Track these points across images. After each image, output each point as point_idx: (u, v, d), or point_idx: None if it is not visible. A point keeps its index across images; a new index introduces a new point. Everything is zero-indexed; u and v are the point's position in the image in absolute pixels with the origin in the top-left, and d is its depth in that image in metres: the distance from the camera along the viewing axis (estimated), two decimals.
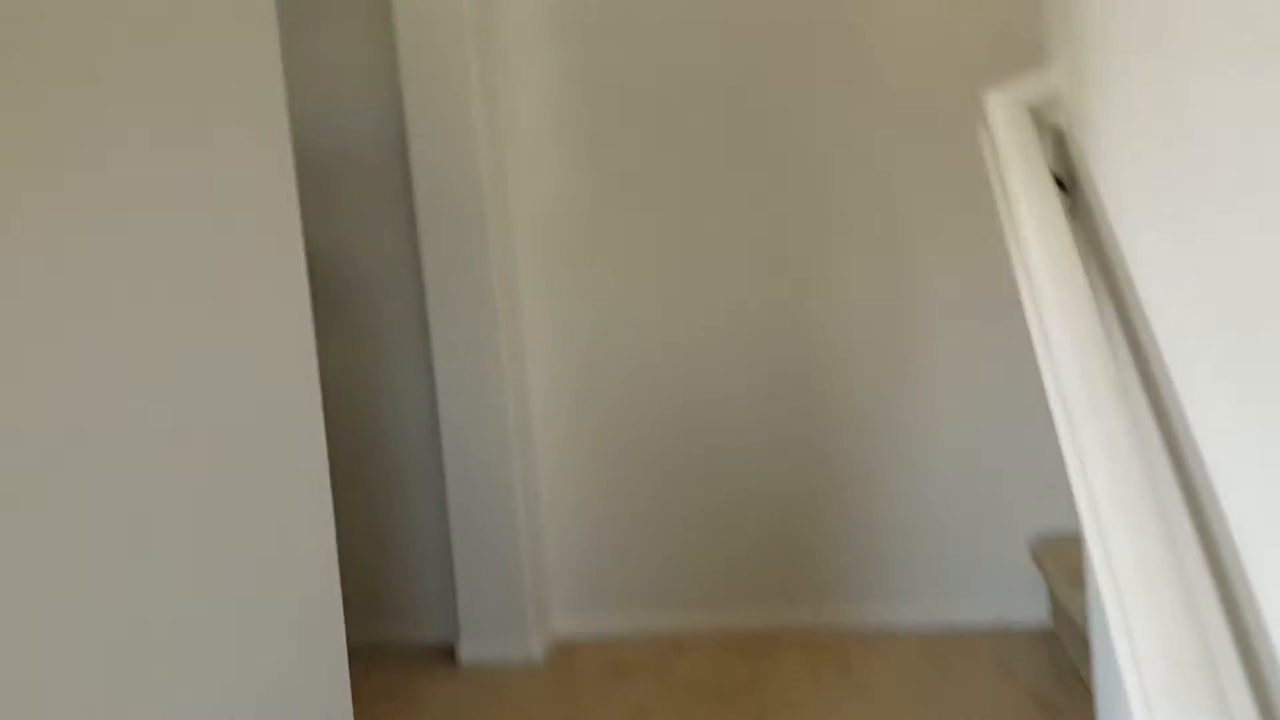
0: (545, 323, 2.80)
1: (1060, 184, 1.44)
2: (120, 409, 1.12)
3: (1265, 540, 0.88)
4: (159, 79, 1.24)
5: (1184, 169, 1.01)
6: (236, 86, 1.43)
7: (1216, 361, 0.98)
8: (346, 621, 2.83)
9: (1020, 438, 2.61)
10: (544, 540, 2.81)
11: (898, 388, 2.69)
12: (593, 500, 2.82)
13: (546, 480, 2.82)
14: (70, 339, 1.05)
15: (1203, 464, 1.08)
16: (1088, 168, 1.36)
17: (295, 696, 1.46)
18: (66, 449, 1.03)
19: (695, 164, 2.72)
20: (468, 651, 2.69)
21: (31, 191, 1.01)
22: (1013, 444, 2.61)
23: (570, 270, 2.79)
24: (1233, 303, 0.92)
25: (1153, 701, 0.78)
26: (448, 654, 2.73)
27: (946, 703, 2.33)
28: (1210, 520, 1.07)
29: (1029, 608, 2.66)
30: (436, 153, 2.60)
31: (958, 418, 2.67)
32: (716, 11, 2.69)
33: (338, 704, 1.59)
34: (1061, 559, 2.47)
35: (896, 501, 2.70)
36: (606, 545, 2.82)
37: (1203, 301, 1.00)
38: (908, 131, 2.63)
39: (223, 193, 1.36)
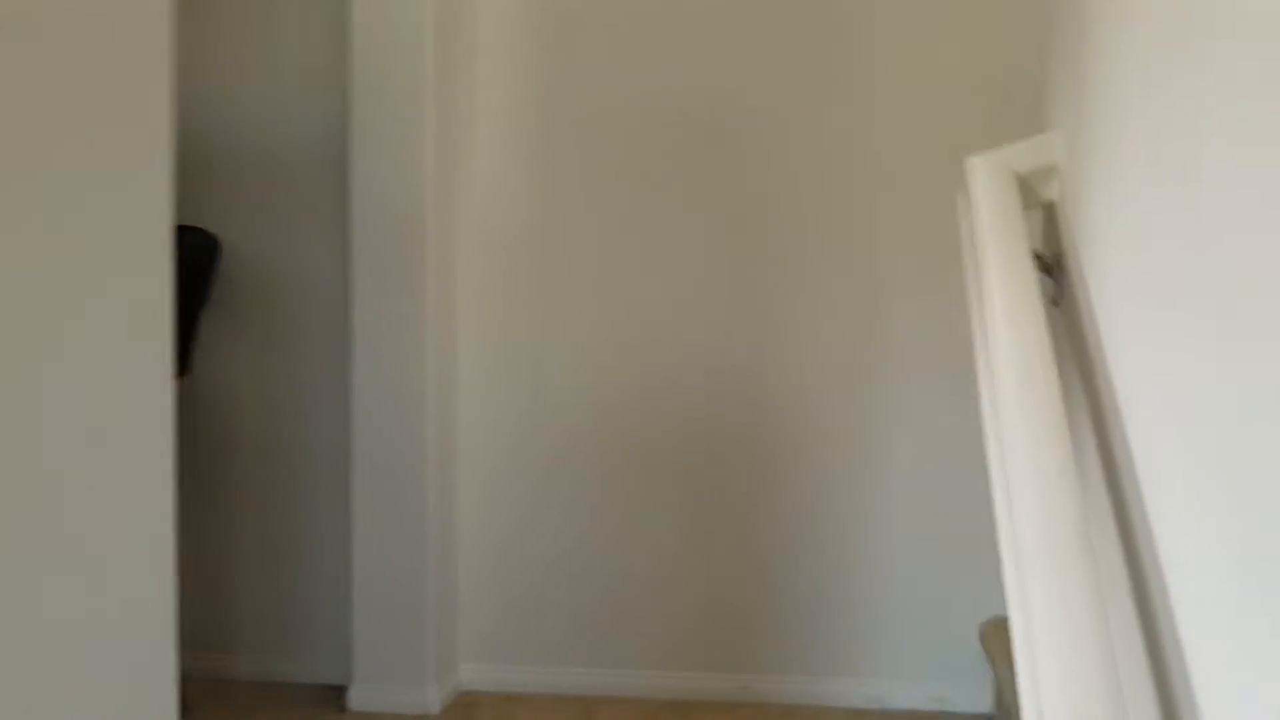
0: (482, 352, 2.66)
1: (1048, 267, 1.28)
2: None
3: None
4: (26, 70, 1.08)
5: (1198, 272, 0.84)
6: (117, 84, 1.26)
7: (1203, 494, 0.83)
8: (236, 653, 2.70)
9: (980, 518, 2.44)
10: (457, 583, 2.64)
11: (855, 453, 2.55)
12: (515, 543, 2.65)
13: (465, 519, 2.65)
14: None
15: (1170, 612, 0.93)
16: (1078, 254, 1.19)
17: None
18: None
19: (657, 192, 2.60)
20: (358, 697, 2.51)
21: None
22: (972, 523, 2.46)
23: (512, 299, 2.65)
24: (1232, 432, 0.76)
25: None
26: (340, 696, 2.53)
27: None
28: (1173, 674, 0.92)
29: (974, 694, 2.52)
30: (379, 163, 2.47)
31: (917, 490, 2.54)
32: (696, 38, 2.57)
33: None
34: (1010, 644, 2.32)
35: (842, 572, 2.56)
36: (524, 593, 2.65)
37: (1195, 432, 0.85)
38: (893, 186, 2.51)
39: (72, 194, 1.19)
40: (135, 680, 1.40)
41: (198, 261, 2.53)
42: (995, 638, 2.43)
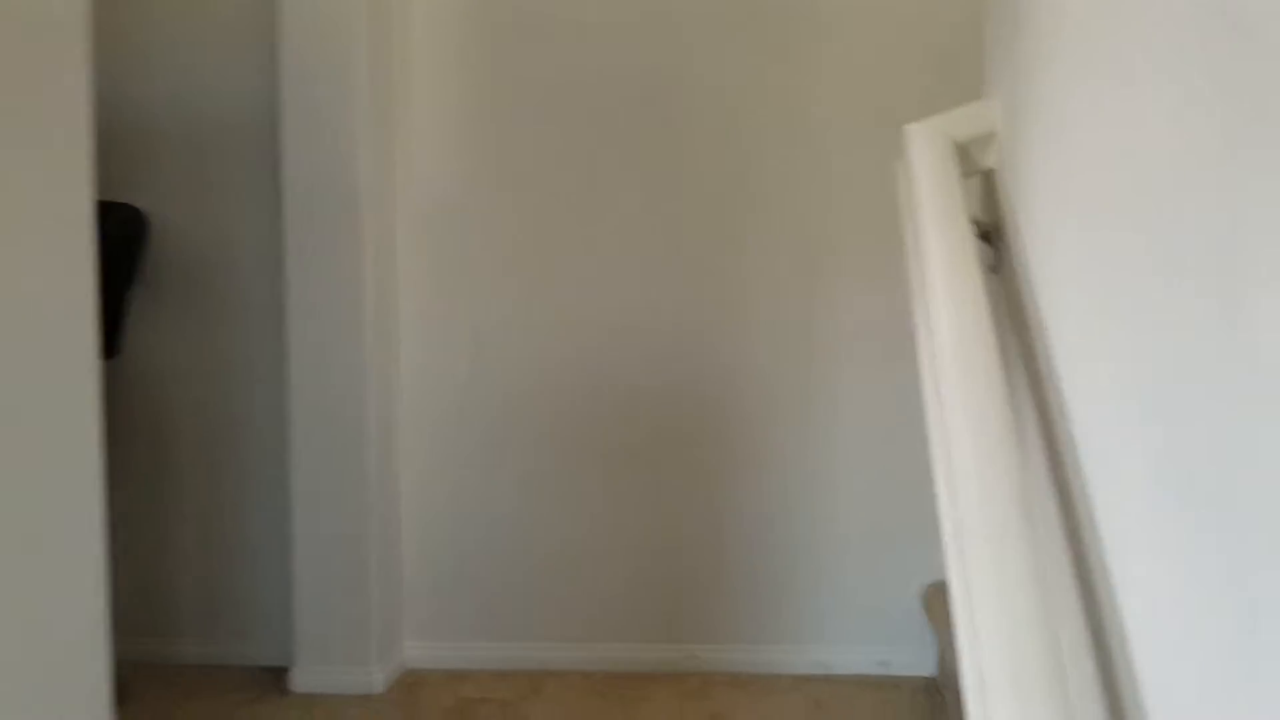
0: (422, 326, 2.60)
1: (986, 234, 1.27)
2: None
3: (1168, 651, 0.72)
4: None
5: (1136, 241, 0.84)
6: (29, 51, 1.21)
7: (1144, 466, 0.82)
8: (175, 637, 2.65)
9: (922, 483, 2.46)
10: (400, 559, 2.61)
11: (798, 420, 2.55)
12: (458, 519, 2.62)
13: (408, 496, 2.62)
14: None
15: (1111, 585, 0.94)
16: (1016, 221, 1.18)
17: None
18: None
19: (598, 162, 2.56)
20: (300, 679, 2.47)
21: None
22: (914, 488, 2.48)
23: (454, 273, 2.59)
24: (1171, 399, 0.76)
25: None
26: (281, 678, 2.49)
27: None
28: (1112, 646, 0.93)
29: (917, 657, 2.55)
30: (311, 133, 2.39)
31: (859, 455, 2.55)
32: (637, 10, 2.52)
33: None
34: (951, 606, 2.35)
35: (785, 539, 2.57)
36: (469, 569, 2.63)
37: (1133, 400, 0.85)
38: (835, 153, 2.50)
39: None
40: (68, 668, 1.36)
41: (125, 238, 2.45)
42: (937, 602, 2.46)
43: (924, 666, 2.56)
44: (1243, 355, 0.65)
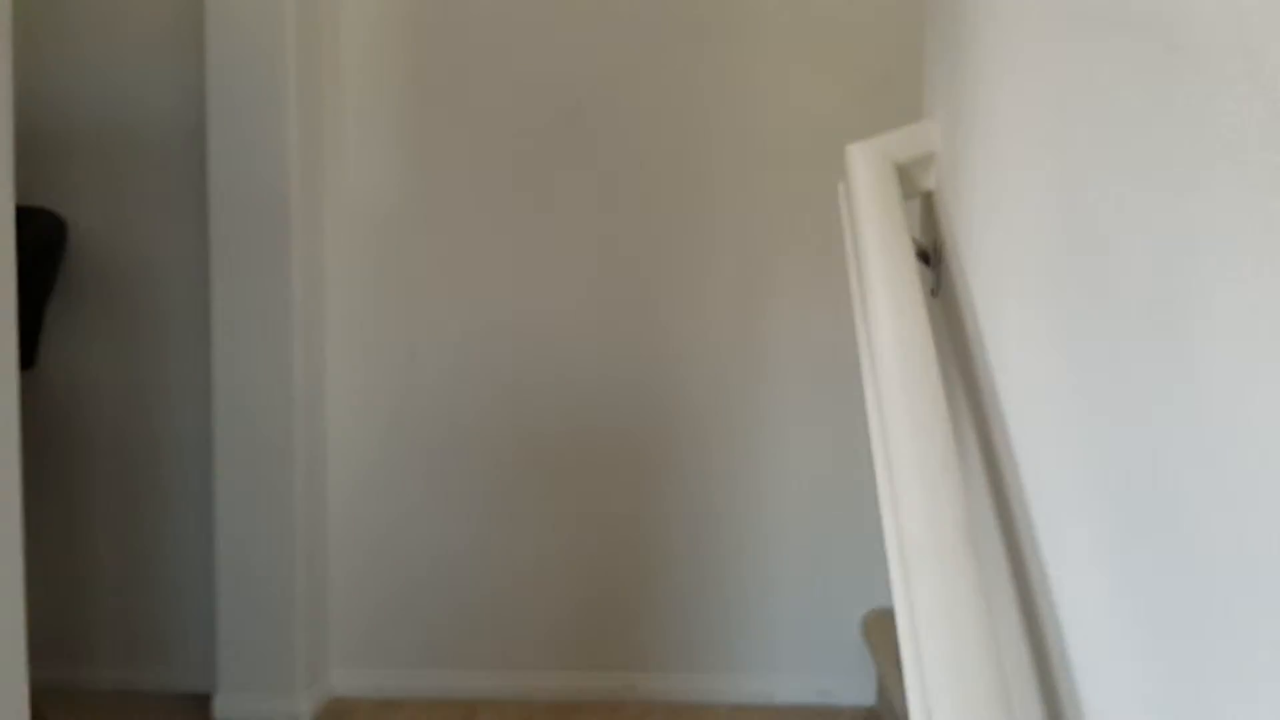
0: (351, 339, 2.55)
1: (926, 256, 1.28)
2: None
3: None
4: None
5: (1072, 261, 0.84)
6: None
7: (1084, 487, 0.82)
8: (94, 662, 2.57)
9: (860, 509, 2.48)
10: (327, 583, 2.55)
11: (737, 447, 2.54)
12: (388, 541, 2.57)
13: (336, 516, 2.56)
14: None
15: (1052, 605, 0.94)
16: (955, 244, 1.19)
17: None
18: None
19: (537, 175, 2.53)
20: (224, 706, 2.40)
21: None
22: (856, 515, 2.49)
23: (385, 283, 2.54)
24: (1108, 425, 0.76)
25: None
26: (204, 706, 2.42)
27: None
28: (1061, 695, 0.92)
29: (857, 686, 2.54)
30: (238, 139, 2.34)
31: (800, 482, 2.54)
32: (576, 21, 2.50)
33: None
34: (892, 636, 2.35)
35: (725, 567, 2.55)
36: (399, 594, 2.57)
37: (1072, 422, 0.85)
38: (777, 171, 2.49)
39: None
40: None
41: (43, 246, 2.38)
42: (877, 629, 2.46)
43: (864, 695, 2.56)
44: (1180, 376, 0.65)
